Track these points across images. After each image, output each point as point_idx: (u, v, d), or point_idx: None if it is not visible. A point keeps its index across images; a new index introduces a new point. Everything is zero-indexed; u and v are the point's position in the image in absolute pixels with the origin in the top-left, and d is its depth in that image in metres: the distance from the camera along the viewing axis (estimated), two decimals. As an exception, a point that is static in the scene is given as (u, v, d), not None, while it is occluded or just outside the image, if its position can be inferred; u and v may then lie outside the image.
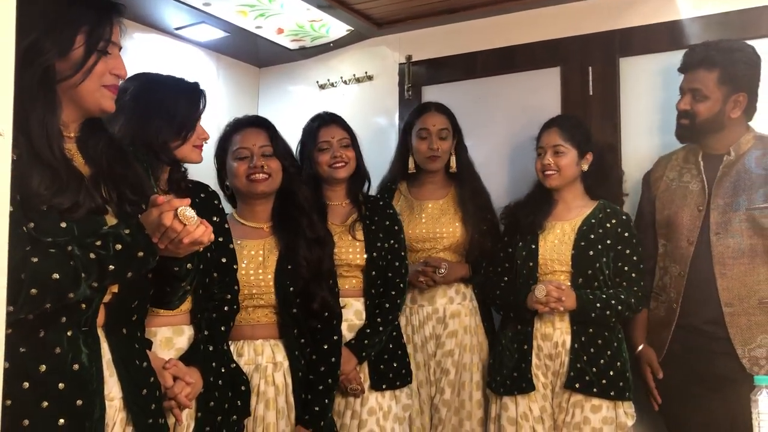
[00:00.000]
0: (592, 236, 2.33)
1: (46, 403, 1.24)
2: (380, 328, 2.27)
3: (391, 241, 2.35)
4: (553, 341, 2.30)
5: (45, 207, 1.24)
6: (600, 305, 2.25)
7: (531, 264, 2.37)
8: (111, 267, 1.26)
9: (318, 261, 2.05)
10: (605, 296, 2.27)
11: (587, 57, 2.73)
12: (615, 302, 2.26)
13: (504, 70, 2.91)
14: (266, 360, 2.00)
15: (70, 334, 1.29)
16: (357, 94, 3.24)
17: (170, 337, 1.76)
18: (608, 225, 2.35)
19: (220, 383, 1.81)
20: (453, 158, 2.60)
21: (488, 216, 2.57)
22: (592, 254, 2.31)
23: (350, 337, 2.25)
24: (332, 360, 2.06)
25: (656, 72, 2.37)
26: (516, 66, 2.88)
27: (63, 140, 1.35)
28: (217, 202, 1.96)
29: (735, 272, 2.15)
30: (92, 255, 1.24)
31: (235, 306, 1.92)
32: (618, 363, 2.26)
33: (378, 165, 2.72)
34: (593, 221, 2.36)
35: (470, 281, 2.55)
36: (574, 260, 2.32)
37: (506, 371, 2.34)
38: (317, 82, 3.33)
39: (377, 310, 2.29)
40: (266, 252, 2.06)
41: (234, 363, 1.94)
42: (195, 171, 1.94)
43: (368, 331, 2.25)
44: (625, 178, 2.59)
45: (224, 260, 1.90)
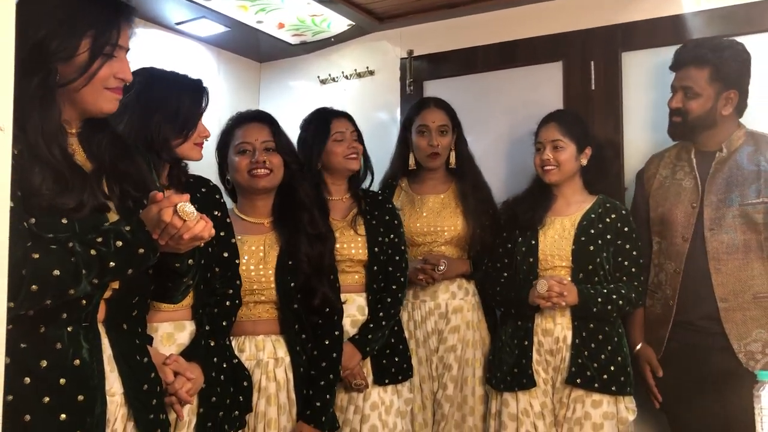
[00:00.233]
0: (592, 231, 2.33)
1: (48, 399, 1.25)
2: (383, 323, 2.27)
3: (391, 236, 2.36)
4: (554, 336, 2.30)
5: (46, 205, 1.24)
6: (601, 300, 2.25)
7: (531, 260, 2.37)
8: (111, 264, 1.26)
9: (319, 257, 2.05)
10: (606, 291, 2.27)
11: (589, 51, 2.72)
12: (616, 297, 2.26)
13: (506, 65, 2.90)
14: (268, 355, 2.00)
15: (71, 330, 1.29)
16: (358, 89, 3.24)
17: (171, 333, 1.76)
18: (608, 220, 2.34)
19: (222, 378, 1.82)
20: (453, 153, 2.60)
21: (489, 210, 2.57)
22: (593, 249, 2.31)
23: (353, 333, 2.25)
24: (333, 355, 2.06)
25: (659, 66, 2.36)
26: (518, 60, 2.87)
27: (65, 138, 1.34)
28: (218, 197, 1.96)
29: (729, 267, 2.16)
30: (93, 251, 1.24)
31: (237, 301, 1.92)
32: (619, 358, 2.26)
33: (380, 160, 2.71)
34: (593, 216, 2.36)
35: (471, 277, 2.55)
36: (575, 255, 2.32)
37: (506, 367, 2.34)
38: (318, 77, 3.32)
39: (379, 305, 2.29)
40: (267, 247, 2.06)
41: (236, 358, 1.95)
42: (196, 165, 1.92)
43: (371, 326, 2.25)
44: (626, 172, 2.58)
45: (226, 255, 1.90)
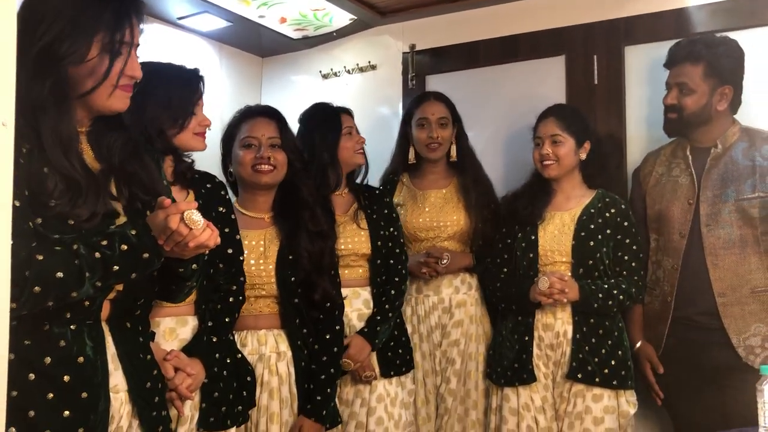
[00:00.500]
0: (592, 226, 2.33)
1: (51, 395, 1.25)
2: (389, 314, 2.28)
3: (391, 229, 2.37)
4: (555, 331, 2.30)
5: (53, 203, 1.23)
6: (602, 295, 2.25)
7: (531, 255, 2.37)
8: (115, 267, 1.26)
9: (319, 253, 2.05)
10: (607, 286, 2.27)
11: (592, 45, 2.71)
12: (616, 292, 2.26)
13: (508, 59, 2.89)
14: (270, 350, 2.00)
15: (75, 328, 1.29)
16: (360, 84, 3.23)
17: (173, 328, 1.77)
18: (608, 214, 2.34)
19: (225, 374, 1.82)
20: (453, 147, 2.60)
21: (491, 204, 2.57)
22: (593, 244, 2.31)
23: (360, 326, 2.26)
24: (334, 350, 2.07)
25: (662, 61, 2.34)
26: (520, 55, 2.86)
27: (79, 142, 1.32)
28: (224, 193, 1.96)
29: (727, 262, 2.17)
30: (97, 254, 1.24)
31: (241, 297, 1.92)
32: (619, 352, 2.26)
33: (381, 155, 2.72)
34: (593, 211, 2.36)
35: (474, 270, 2.55)
36: (575, 251, 2.32)
37: (507, 362, 2.34)
38: (320, 72, 3.31)
39: (383, 298, 2.30)
40: (267, 242, 2.06)
41: (239, 353, 1.95)
42: (200, 158, 1.92)
43: (378, 318, 2.26)
44: (628, 166, 2.58)
45: (230, 251, 1.90)
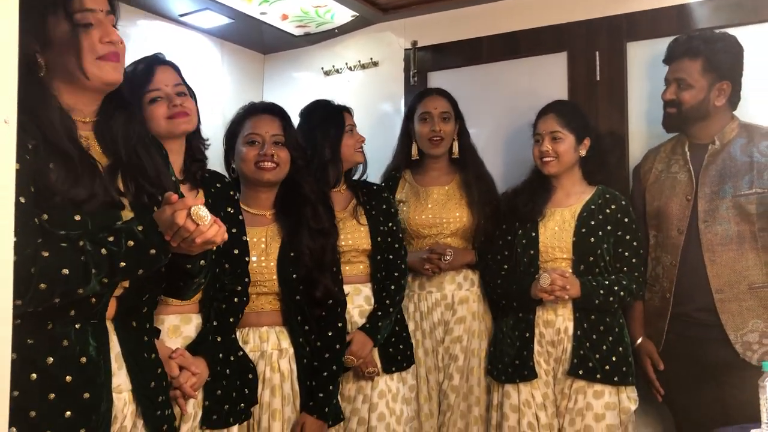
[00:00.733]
0: (593, 222, 2.32)
1: (53, 395, 1.24)
2: (390, 310, 2.28)
3: (390, 224, 2.37)
4: (556, 328, 2.30)
5: (59, 198, 1.22)
6: (603, 292, 2.24)
7: (532, 252, 2.36)
8: (122, 264, 1.25)
9: (321, 250, 2.05)
10: (608, 282, 2.27)
11: (594, 42, 2.70)
12: (617, 288, 2.26)
13: (510, 56, 2.88)
14: (271, 347, 2.01)
15: (79, 327, 1.28)
16: (362, 81, 3.23)
17: (178, 325, 1.77)
18: (608, 210, 2.34)
19: (228, 372, 1.82)
20: (455, 144, 2.60)
21: (493, 201, 2.56)
22: (593, 241, 2.31)
23: (362, 323, 2.26)
24: (336, 347, 2.07)
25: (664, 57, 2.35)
26: (522, 51, 2.86)
27: (75, 127, 1.32)
28: (233, 193, 1.96)
29: (724, 259, 2.17)
30: (104, 251, 1.23)
31: (245, 298, 1.92)
32: (620, 348, 2.26)
33: (383, 152, 2.72)
34: (593, 207, 2.35)
35: (476, 267, 2.55)
36: (576, 247, 2.31)
37: (508, 359, 2.34)
38: (322, 69, 3.31)
39: (384, 293, 2.30)
40: (268, 239, 2.06)
41: (242, 351, 1.95)
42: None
43: (380, 314, 2.26)
44: (630, 163, 2.57)
45: (236, 252, 1.90)
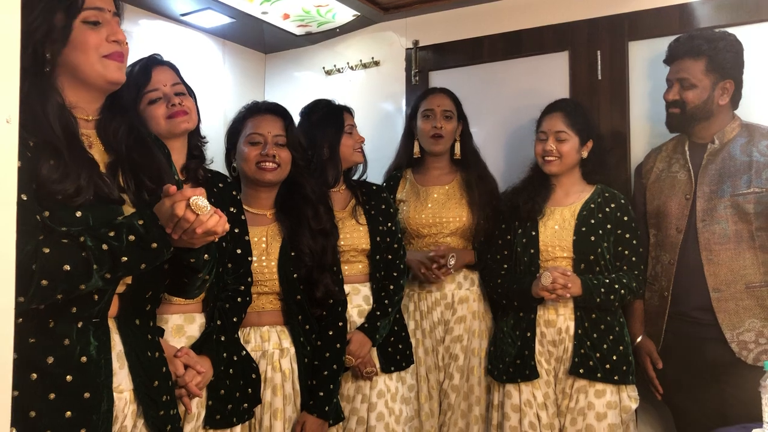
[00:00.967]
0: (593, 221, 2.33)
1: (53, 395, 1.23)
2: (389, 310, 2.28)
3: (389, 224, 2.37)
4: (557, 327, 2.30)
5: (45, 192, 1.22)
6: (604, 290, 2.25)
7: (532, 251, 2.36)
8: (124, 258, 1.24)
9: (321, 251, 2.05)
10: (608, 281, 2.27)
11: (595, 41, 2.70)
12: (618, 286, 2.26)
13: (511, 55, 2.88)
14: (273, 346, 2.01)
15: (81, 326, 1.28)
16: (364, 80, 3.23)
17: (181, 325, 1.77)
18: (607, 209, 2.34)
19: (231, 372, 1.83)
20: (458, 145, 2.60)
21: (494, 202, 2.56)
22: (594, 239, 2.31)
23: (360, 322, 2.26)
24: (337, 346, 2.08)
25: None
26: (523, 50, 2.86)
27: (74, 121, 1.32)
28: (236, 193, 1.96)
29: (721, 258, 2.17)
30: (105, 246, 1.22)
31: (248, 298, 1.92)
32: (621, 347, 2.27)
33: (384, 151, 2.72)
34: (592, 206, 2.35)
35: (476, 267, 2.55)
36: (576, 246, 2.31)
37: (509, 359, 2.34)
38: (323, 68, 3.31)
39: (383, 293, 2.30)
40: (269, 239, 2.06)
41: (245, 351, 1.95)
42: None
43: (378, 314, 2.26)
44: (632, 162, 2.58)
45: (239, 252, 1.90)
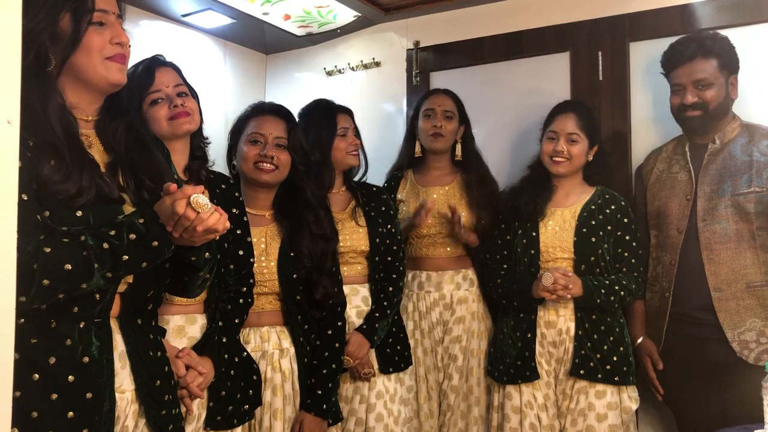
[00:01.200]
0: (593, 222, 2.33)
1: (56, 396, 1.23)
2: (388, 311, 2.29)
3: (389, 226, 2.37)
4: (557, 328, 2.30)
5: (47, 192, 1.22)
6: (604, 291, 2.24)
7: (533, 252, 2.36)
8: (125, 257, 1.24)
9: (321, 255, 2.05)
10: (609, 282, 2.27)
11: (597, 42, 2.70)
12: (618, 287, 2.26)
13: (512, 56, 2.88)
14: (273, 347, 2.00)
15: (83, 326, 1.28)
16: (364, 81, 3.23)
17: (182, 326, 1.77)
18: (608, 211, 2.34)
19: (233, 373, 1.83)
20: (459, 146, 2.61)
21: (494, 203, 2.56)
22: (594, 240, 2.31)
23: (359, 323, 2.26)
24: (336, 345, 2.08)
25: (667, 56, 2.35)
26: (524, 51, 2.86)
27: (74, 121, 1.32)
28: (238, 194, 1.96)
29: (722, 257, 2.17)
30: (106, 245, 1.22)
31: (250, 299, 1.92)
32: (621, 348, 2.27)
33: (385, 151, 2.72)
34: (593, 207, 2.36)
35: (474, 266, 2.55)
36: (577, 247, 2.31)
37: (509, 360, 2.34)
38: (324, 69, 3.31)
39: (382, 295, 2.31)
40: (268, 239, 2.06)
41: (246, 352, 1.95)
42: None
43: (377, 315, 2.26)
44: (633, 163, 2.57)
45: (241, 252, 1.90)
